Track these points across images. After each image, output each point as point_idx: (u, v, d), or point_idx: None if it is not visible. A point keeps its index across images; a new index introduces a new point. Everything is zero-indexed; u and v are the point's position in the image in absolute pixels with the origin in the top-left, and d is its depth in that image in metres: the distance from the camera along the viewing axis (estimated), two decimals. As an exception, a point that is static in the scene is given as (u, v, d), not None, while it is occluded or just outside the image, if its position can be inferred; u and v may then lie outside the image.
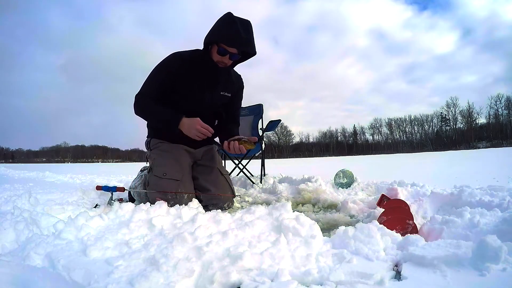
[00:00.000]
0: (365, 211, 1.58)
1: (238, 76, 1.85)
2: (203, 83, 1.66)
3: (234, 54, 1.57)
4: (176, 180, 1.54)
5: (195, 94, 1.66)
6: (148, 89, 1.63)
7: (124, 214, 1.17)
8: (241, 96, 1.89)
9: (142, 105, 1.62)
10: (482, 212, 1.13)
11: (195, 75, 1.64)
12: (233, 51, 1.55)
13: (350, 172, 2.44)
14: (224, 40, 1.52)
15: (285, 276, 0.71)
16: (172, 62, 1.62)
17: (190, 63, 1.62)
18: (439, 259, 0.73)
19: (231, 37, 1.50)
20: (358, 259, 0.81)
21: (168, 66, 1.62)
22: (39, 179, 4.65)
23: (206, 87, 1.68)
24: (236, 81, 1.81)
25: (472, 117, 50.29)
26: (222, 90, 1.74)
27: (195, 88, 1.65)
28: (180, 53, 1.66)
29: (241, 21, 1.50)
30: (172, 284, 0.69)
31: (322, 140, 63.46)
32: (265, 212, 1.16)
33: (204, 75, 1.65)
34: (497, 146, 37.43)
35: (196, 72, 1.64)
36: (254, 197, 2.20)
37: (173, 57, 1.64)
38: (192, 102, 1.67)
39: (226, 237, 0.91)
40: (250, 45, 1.55)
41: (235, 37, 1.49)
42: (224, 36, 1.51)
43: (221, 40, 1.52)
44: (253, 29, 1.55)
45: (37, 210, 1.25)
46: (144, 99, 1.61)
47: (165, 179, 1.53)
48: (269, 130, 3.14)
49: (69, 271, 0.75)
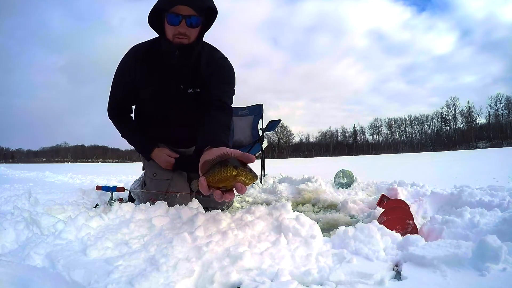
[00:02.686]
0: (365, 211, 1.58)
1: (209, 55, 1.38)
2: (164, 78, 1.36)
3: (191, 16, 1.19)
4: (166, 179, 1.51)
5: (156, 96, 1.41)
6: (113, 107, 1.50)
7: (124, 214, 1.17)
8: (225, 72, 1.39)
9: (119, 130, 1.53)
10: (482, 212, 1.13)
11: (154, 70, 1.36)
12: (187, 11, 1.18)
13: (350, 172, 2.44)
14: (167, 1, 1.18)
15: (285, 276, 0.71)
16: (126, 65, 1.40)
17: (147, 58, 1.35)
18: (439, 259, 0.73)
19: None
20: (358, 259, 0.81)
21: (122, 71, 1.41)
22: (39, 179, 4.65)
23: (169, 84, 1.38)
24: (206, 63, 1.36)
25: (472, 117, 50.36)
26: (189, 86, 1.38)
27: (156, 87, 1.39)
28: (135, 48, 1.40)
29: None
30: (172, 284, 0.68)
31: (322, 140, 63.54)
32: (265, 212, 1.16)
33: (161, 69, 1.34)
34: (497, 146, 37.43)
35: (152, 69, 1.35)
36: (254, 197, 2.20)
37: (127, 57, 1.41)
38: (156, 109, 1.45)
39: (226, 237, 0.91)
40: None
41: None
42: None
43: (164, 3, 1.19)
44: None
45: (37, 210, 1.25)
46: (117, 122, 1.52)
47: (155, 180, 1.52)
48: (269, 130, 3.14)
49: (69, 271, 0.75)
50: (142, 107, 1.52)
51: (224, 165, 0.81)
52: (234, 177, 0.80)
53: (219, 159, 0.84)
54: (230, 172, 0.79)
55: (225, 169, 0.80)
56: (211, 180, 0.83)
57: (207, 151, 0.94)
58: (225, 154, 0.83)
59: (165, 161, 1.51)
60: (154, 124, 1.54)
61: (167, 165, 1.53)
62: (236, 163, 0.81)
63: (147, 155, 1.54)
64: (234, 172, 0.79)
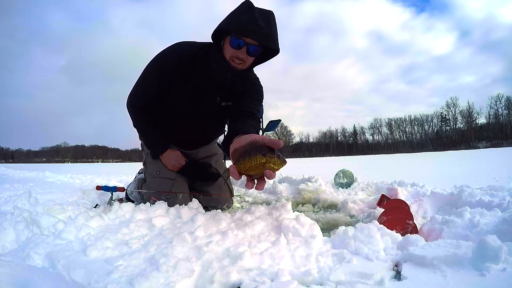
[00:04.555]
0: (365, 211, 1.58)
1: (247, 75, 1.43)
2: (204, 88, 1.39)
3: (253, 46, 1.23)
4: (170, 179, 1.51)
5: (189, 102, 1.42)
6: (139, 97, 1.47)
7: (124, 214, 1.17)
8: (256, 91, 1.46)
9: (134, 120, 1.51)
10: (482, 212, 1.13)
11: (195, 77, 1.38)
12: (252, 42, 1.22)
13: (350, 172, 2.44)
14: (238, 28, 1.20)
15: (285, 276, 0.71)
16: (168, 62, 1.37)
17: (191, 63, 1.36)
18: (439, 259, 0.73)
19: (246, 25, 1.18)
20: (358, 259, 0.81)
21: (162, 66, 1.38)
22: (39, 179, 4.64)
23: (207, 93, 1.41)
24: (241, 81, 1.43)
25: (472, 117, 50.37)
26: (223, 99, 1.44)
27: (191, 94, 1.41)
28: (182, 48, 1.38)
29: (260, 10, 1.22)
30: (172, 284, 0.68)
31: (322, 140, 63.55)
32: (265, 212, 1.16)
33: (207, 78, 1.37)
34: (497, 146, 37.42)
35: (197, 74, 1.37)
36: (254, 197, 2.20)
37: (171, 54, 1.38)
38: (184, 111, 1.46)
39: (226, 237, 0.91)
40: (271, 37, 1.23)
41: (252, 25, 1.18)
42: (237, 23, 1.20)
43: (234, 29, 1.21)
44: (276, 22, 1.25)
45: (37, 210, 1.25)
46: (136, 113, 1.49)
47: (158, 178, 1.51)
48: (269, 130, 3.13)
49: (69, 271, 0.75)
50: (168, 106, 1.47)
51: (253, 153, 0.81)
52: (263, 164, 0.80)
53: (249, 146, 0.84)
54: (260, 160, 0.80)
55: (254, 157, 0.81)
56: (241, 169, 0.84)
57: (237, 139, 0.94)
58: (254, 141, 0.84)
59: (172, 165, 1.51)
60: (175, 126, 1.53)
61: (173, 168, 1.53)
62: (264, 150, 0.81)
63: (157, 154, 1.52)
64: (263, 159, 0.80)
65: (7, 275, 0.65)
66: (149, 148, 1.58)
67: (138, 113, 1.50)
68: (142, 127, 1.54)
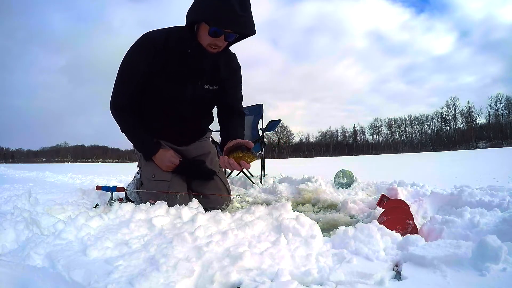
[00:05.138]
0: (365, 211, 1.58)
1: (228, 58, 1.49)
2: (184, 74, 1.40)
3: (231, 34, 1.27)
4: (166, 181, 1.48)
5: (172, 89, 1.42)
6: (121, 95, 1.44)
7: (124, 214, 1.17)
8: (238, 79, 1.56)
9: (121, 123, 1.48)
10: (482, 212, 1.13)
11: (173, 63, 1.38)
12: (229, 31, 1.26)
13: (350, 172, 2.44)
14: (216, 19, 1.20)
15: (285, 276, 0.71)
16: (142, 53, 1.35)
17: (166, 50, 1.36)
18: (439, 259, 0.73)
19: (225, 16, 1.18)
20: (358, 259, 0.81)
21: (137, 58, 1.36)
22: (39, 179, 4.65)
23: (188, 79, 1.42)
24: (225, 66, 1.48)
25: (472, 117, 50.28)
26: (206, 83, 1.46)
27: (172, 81, 1.40)
28: (153, 35, 1.38)
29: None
30: (172, 284, 0.69)
31: (322, 140, 63.45)
32: (265, 212, 1.16)
33: (186, 64, 1.38)
34: (497, 146, 37.39)
35: (175, 60, 1.37)
36: (254, 197, 2.20)
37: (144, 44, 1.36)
38: (168, 99, 1.45)
39: (226, 237, 0.91)
40: (248, 24, 1.24)
41: (231, 15, 1.18)
42: (216, 14, 1.19)
43: (212, 19, 1.21)
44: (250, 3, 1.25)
45: (37, 210, 1.25)
46: (120, 115, 1.47)
47: (154, 181, 1.49)
48: (269, 130, 3.14)
49: (69, 271, 0.75)
50: (152, 98, 1.46)
51: (236, 150, 1.27)
52: (241, 157, 1.26)
53: (234, 146, 1.29)
54: (239, 154, 1.26)
55: (236, 152, 1.27)
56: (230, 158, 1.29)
57: (229, 142, 1.32)
58: (238, 142, 1.30)
59: (166, 165, 1.50)
60: (163, 118, 1.51)
61: (168, 169, 1.51)
62: (243, 149, 1.27)
63: (150, 156, 1.51)
64: (241, 154, 1.26)
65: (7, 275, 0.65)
66: (140, 150, 1.56)
67: (123, 115, 1.48)
68: (129, 129, 1.50)
